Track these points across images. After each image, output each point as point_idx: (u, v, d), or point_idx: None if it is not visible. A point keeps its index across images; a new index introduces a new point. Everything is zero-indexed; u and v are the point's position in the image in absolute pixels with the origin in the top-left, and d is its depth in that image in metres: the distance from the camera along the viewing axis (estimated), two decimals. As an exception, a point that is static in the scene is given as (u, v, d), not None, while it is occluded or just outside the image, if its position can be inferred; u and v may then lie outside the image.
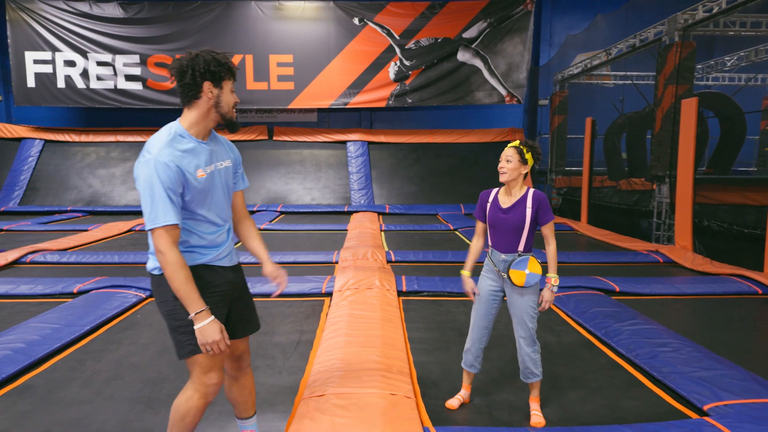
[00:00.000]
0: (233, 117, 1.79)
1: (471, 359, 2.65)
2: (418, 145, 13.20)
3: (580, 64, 11.32)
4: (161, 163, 1.62)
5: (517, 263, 2.44)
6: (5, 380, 2.81)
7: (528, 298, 2.48)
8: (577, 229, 9.04)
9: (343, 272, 5.08)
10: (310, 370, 2.94)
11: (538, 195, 2.48)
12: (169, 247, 1.63)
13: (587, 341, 3.57)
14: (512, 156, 2.46)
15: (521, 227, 2.45)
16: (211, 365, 1.75)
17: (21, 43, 12.28)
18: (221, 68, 1.72)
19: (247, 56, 12.32)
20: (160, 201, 1.62)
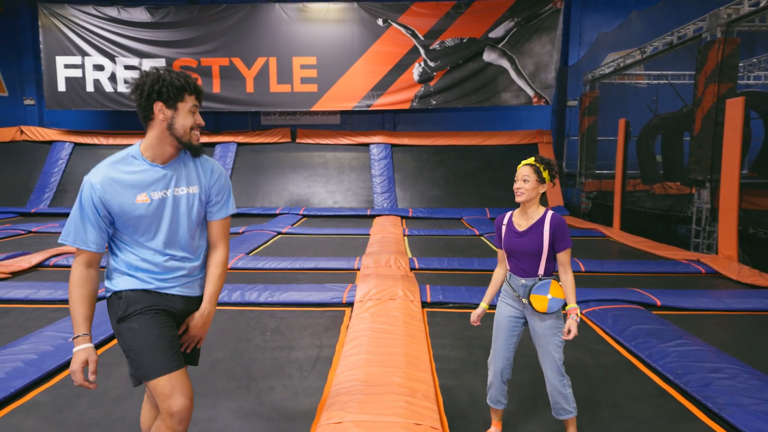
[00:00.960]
0: (191, 140, 1.67)
1: (496, 395, 2.42)
2: (442, 148, 12.94)
3: (611, 63, 10.89)
4: (89, 183, 1.61)
5: (538, 288, 2.25)
6: (14, 395, 2.72)
7: (551, 325, 2.27)
8: (609, 235, 8.65)
9: (364, 280, 4.90)
10: (328, 391, 2.75)
11: (556, 219, 2.27)
12: (76, 264, 1.63)
13: (628, 363, 3.28)
14: (529, 175, 2.26)
15: (539, 252, 2.26)
16: (170, 390, 1.60)
17: (52, 48, 12.54)
18: (172, 88, 1.60)
19: (271, 59, 12.30)
20: (74, 221, 1.62)
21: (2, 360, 3.05)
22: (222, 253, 1.83)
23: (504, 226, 2.39)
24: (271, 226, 9.11)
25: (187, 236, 1.73)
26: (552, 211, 2.31)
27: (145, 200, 1.63)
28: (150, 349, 1.62)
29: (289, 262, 6.06)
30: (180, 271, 1.73)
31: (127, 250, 1.70)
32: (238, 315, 4.23)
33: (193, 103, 1.67)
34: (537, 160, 2.28)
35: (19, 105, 14.10)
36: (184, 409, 1.61)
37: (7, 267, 5.67)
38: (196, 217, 1.74)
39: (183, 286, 1.75)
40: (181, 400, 1.60)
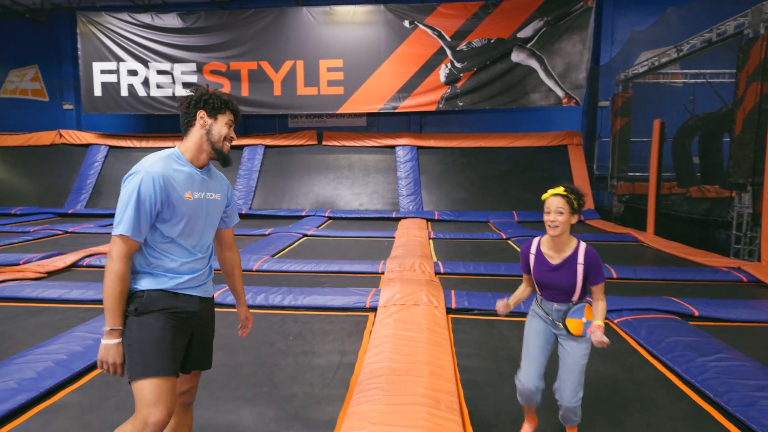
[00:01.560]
0: (223, 148, 1.82)
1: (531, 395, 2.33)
2: (469, 150, 12.79)
3: (645, 62, 10.54)
4: (149, 175, 1.65)
5: (574, 312, 2.22)
6: (43, 395, 2.77)
7: (584, 347, 2.26)
8: (643, 240, 8.35)
9: (388, 285, 4.84)
10: (349, 400, 2.71)
11: (590, 254, 2.21)
12: (120, 256, 1.64)
13: (665, 379, 3.11)
14: (563, 207, 2.17)
15: (573, 286, 2.21)
16: (155, 399, 1.60)
17: (90, 55, 12.97)
18: (216, 101, 1.79)
19: (298, 62, 12.40)
20: (131, 211, 1.64)
21: (34, 359, 3.12)
22: (238, 255, 2.12)
23: (533, 255, 2.31)
24: (297, 229, 9.16)
25: (207, 239, 1.88)
26: (585, 244, 2.24)
27: (190, 198, 1.74)
28: (154, 348, 1.64)
29: (314, 265, 6.07)
30: (200, 271, 1.83)
31: (155, 249, 1.74)
32: (262, 318, 4.23)
33: (230, 118, 1.83)
34: (567, 190, 2.20)
35: (58, 110, 14.66)
36: (161, 423, 1.60)
37: (44, 267, 5.86)
38: (216, 223, 1.92)
39: (199, 287, 1.84)
40: (161, 413, 1.60)
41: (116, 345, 1.65)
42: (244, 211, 11.76)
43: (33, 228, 9.32)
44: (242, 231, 9.11)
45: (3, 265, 6.09)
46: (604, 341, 2.11)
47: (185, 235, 1.76)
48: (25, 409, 2.67)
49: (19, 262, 6.15)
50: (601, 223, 10.26)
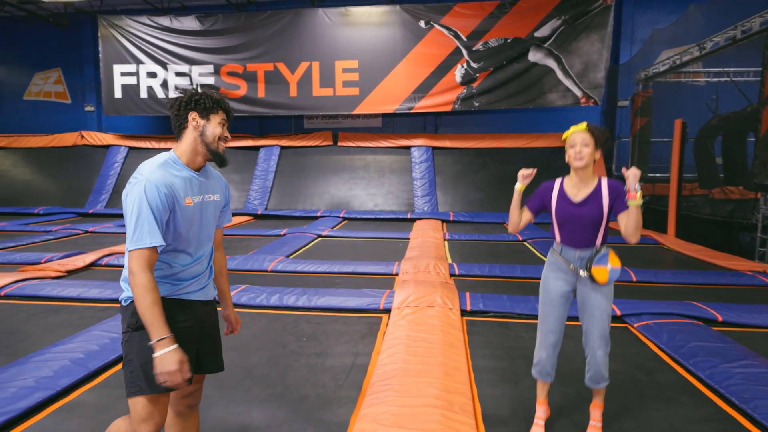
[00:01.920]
0: (218, 149, 1.77)
1: (548, 368, 2.36)
2: (484, 150, 12.68)
3: (666, 61, 10.32)
4: (152, 184, 1.61)
5: (599, 259, 2.18)
6: (59, 394, 2.81)
7: (606, 294, 2.22)
8: (664, 242, 8.16)
9: (402, 287, 4.81)
10: (361, 402, 2.68)
11: (615, 184, 2.19)
12: (142, 268, 1.59)
13: (687, 383, 3.03)
14: (589, 140, 2.17)
15: (599, 221, 2.18)
16: (147, 415, 1.61)
17: (110, 57, 13.21)
18: (208, 101, 1.74)
19: (314, 63, 12.44)
20: (146, 222, 1.59)
21: (52, 358, 3.17)
22: (224, 255, 2.07)
23: (555, 192, 2.28)
24: (312, 229, 9.18)
25: (208, 241, 1.85)
26: (606, 177, 2.22)
27: (190, 203, 1.72)
28: (143, 365, 1.61)
29: (328, 266, 6.06)
30: (200, 275, 1.82)
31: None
32: (276, 319, 4.24)
33: (223, 117, 1.78)
34: (590, 127, 2.20)
35: (80, 111, 14.96)
36: None
37: (64, 265, 5.96)
38: (215, 223, 1.89)
39: (200, 291, 1.82)
40: (150, 428, 1.62)
41: (169, 353, 1.56)
42: (259, 211, 11.84)
43: (55, 227, 9.51)
44: (257, 231, 9.16)
45: (25, 264, 6.22)
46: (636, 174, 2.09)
47: (187, 240, 1.74)
48: (42, 407, 2.70)
49: (41, 261, 6.28)
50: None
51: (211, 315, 1.90)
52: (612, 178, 2.21)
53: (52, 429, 2.51)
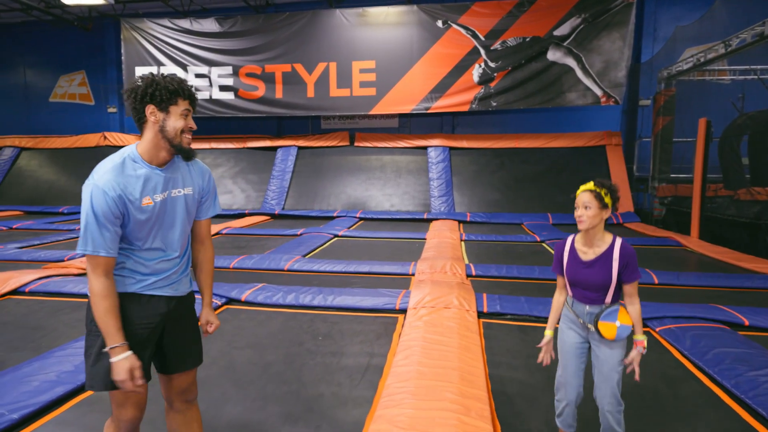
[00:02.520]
0: (181, 143, 1.67)
1: (569, 420, 2.29)
2: (502, 150, 12.56)
3: (690, 59, 10.08)
4: (99, 189, 1.56)
5: (606, 315, 2.13)
6: (80, 388, 2.85)
7: (618, 353, 2.16)
8: (686, 244, 7.97)
9: (419, 287, 4.78)
10: (377, 403, 2.67)
11: (626, 250, 2.13)
12: (95, 275, 1.58)
13: (712, 394, 2.93)
14: (590, 202, 2.12)
15: (608, 284, 2.13)
16: (123, 400, 1.67)
17: (132, 60, 13.46)
18: (165, 92, 1.61)
19: (331, 63, 12.49)
20: (91, 229, 1.57)
21: (73, 353, 3.23)
22: (211, 248, 1.95)
23: (566, 253, 2.26)
24: (329, 229, 9.21)
25: (181, 236, 1.77)
26: (621, 239, 2.17)
27: (149, 203, 1.65)
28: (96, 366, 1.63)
29: (344, 266, 6.07)
30: (170, 271, 1.76)
31: (121, 252, 1.69)
32: (292, 318, 4.25)
33: (186, 107, 1.67)
34: (597, 185, 2.15)
35: (103, 113, 15.28)
36: (133, 419, 1.67)
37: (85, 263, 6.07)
38: (189, 217, 1.79)
39: (168, 287, 1.76)
40: (131, 412, 1.67)
41: (120, 361, 1.57)
42: (277, 211, 11.92)
43: (78, 226, 9.71)
44: (275, 231, 9.23)
45: (48, 262, 6.36)
46: (630, 369, 2.11)
47: (151, 238, 1.68)
48: (64, 400, 2.76)
49: (64, 259, 6.42)
50: (641, 227, 9.88)
51: (180, 310, 1.82)
52: (625, 239, 2.16)
53: (72, 422, 2.55)
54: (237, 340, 3.72)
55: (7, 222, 10.28)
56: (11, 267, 6.07)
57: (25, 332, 3.91)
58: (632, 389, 2.96)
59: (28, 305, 4.61)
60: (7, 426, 2.45)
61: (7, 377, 2.89)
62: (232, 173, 13.23)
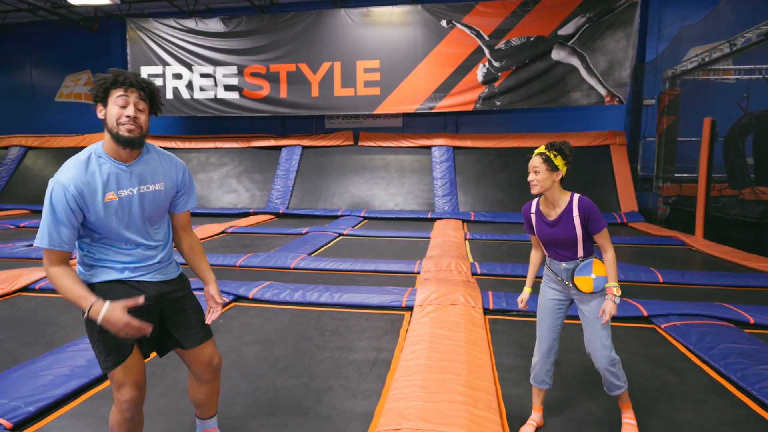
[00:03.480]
0: (118, 131, 1.65)
1: (542, 375, 2.42)
2: (506, 150, 12.58)
3: (695, 58, 10.07)
4: (60, 185, 1.61)
5: (581, 269, 2.23)
6: (93, 382, 2.90)
7: (598, 305, 2.25)
8: (691, 243, 7.98)
9: (424, 285, 4.81)
10: (386, 396, 2.70)
11: (584, 203, 2.21)
12: (48, 264, 1.65)
13: (718, 385, 2.96)
14: (539, 165, 2.21)
15: (574, 238, 2.22)
16: (122, 381, 1.71)
17: (138, 59, 13.53)
18: (99, 88, 1.65)
19: (336, 63, 12.53)
20: (47, 223, 1.62)
21: (85, 348, 3.27)
22: (194, 234, 2.02)
23: (533, 215, 2.37)
24: (333, 228, 9.25)
25: (158, 228, 1.83)
26: (578, 195, 2.25)
27: (113, 198, 1.68)
28: (102, 342, 1.70)
29: (350, 264, 6.10)
30: (153, 259, 1.81)
31: (97, 245, 1.76)
32: (300, 315, 4.29)
33: (119, 94, 1.64)
34: (547, 147, 2.22)
35: (108, 112, 15.35)
36: (132, 400, 1.70)
37: (94, 261, 6.13)
38: (161, 212, 1.84)
39: (156, 272, 1.83)
40: (129, 392, 1.70)
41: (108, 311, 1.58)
42: (281, 210, 11.97)
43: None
44: (279, 230, 9.27)
45: (57, 259, 6.41)
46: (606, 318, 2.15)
47: (122, 231, 1.72)
48: (78, 394, 2.80)
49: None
50: (645, 226, 9.88)
51: (174, 291, 1.88)
52: (583, 195, 2.23)
53: (87, 414, 2.59)
54: (246, 336, 3.76)
55: (14, 220, 10.36)
56: (20, 264, 6.13)
57: (37, 328, 3.96)
58: (640, 377, 3.02)
59: (39, 302, 4.67)
60: (24, 418, 2.49)
61: (21, 371, 2.94)
62: (237, 172, 13.29)
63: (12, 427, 2.42)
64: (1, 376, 2.87)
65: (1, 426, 2.38)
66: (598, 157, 11.87)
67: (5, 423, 2.42)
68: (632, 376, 3.05)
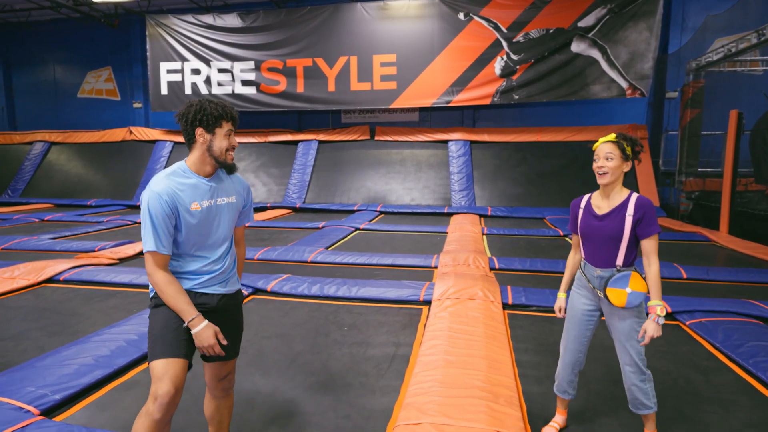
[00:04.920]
0: (226, 159, 1.89)
1: (564, 385, 2.33)
2: (524, 144, 12.43)
3: (720, 49, 9.79)
4: (155, 194, 1.78)
5: (616, 280, 2.04)
6: (117, 372, 2.95)
7: (631, 322, 2.08)
8: (715, 239, 7.79)
9: (442, 279, 4.78)
10: (405, 391, 2.69)
11: (643, 201, 2.05)
12: (154, 269, 1.80)
13: (747, 384, 2.88)
14: (613, 152, 2.07)
15: (619, 238, 2.04)
16: (161, 374, 1.74)
17: (157, 55, 13.69)
18: (210, 117, 1.83)
19: (352, 57, 12.50)
20: (149, 229, 1.77)
21: (108, 338, 3.33)
22: (244, 249, 2.20)
23: (581, 208, 2.21)
24: (350, 222, 9.26)
25: (226, 238, 1.97)
26: (637, 194, 2.09)
27: (198, 208, 1.85)
28: (159, 336, 1.80)
29: (367, 258, 6.10)
30: (218, 271, 1.95)
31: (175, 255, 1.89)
32: (317, 308, 4.31)
33: (229, 128, 1.87)
34: (619, 137, 2.09)
35: (129, 108, 15.59)
36: (167, 395, 1.70)
37: (116, 253, 6.25)
38: (231, 224, 2.00)
39: (218, 284, 1.96)
40: (167, 385, 1.71)
41: (203, 329, 1.79)
42: (298, 205, 12.03)
43: (106, 218, 9.97)
44: (296, 224, 9.32)
45: (80, 252, 6.55)
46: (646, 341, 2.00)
47: (200, 241, 1.88)
48: (102, 384, 2.85)
49: (95, 249, 6.60)
50: (667, 221, 9.68)
51: (228, 306, 1.99)
52: (643, 196, 2.10)
53: (110, 405, 2.64)
54: (264, 330, 3.79)
55: (39, 214, 10.60)
56: (45, 257, 6.27)
57: (62, 318, 4.04)
58: (664, 376, 2.96)
59: (64, 293, 4.77)
60: (51, 406, 2.55)
61: (47, 360, 3.00)
62: (254, 167, 13.38)
63: (39, 413, 2.47)
64: (28, 365, 2.94)
65: (30, 413, 2.44)
66: (619, 152, 11.62)
67: (33, 410, 2.47)
68: (655, 375, 2.97)
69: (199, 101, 1.85)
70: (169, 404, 1.71)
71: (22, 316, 4.08)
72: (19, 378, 2.76)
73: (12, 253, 6.58)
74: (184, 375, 1.78)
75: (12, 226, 9.22)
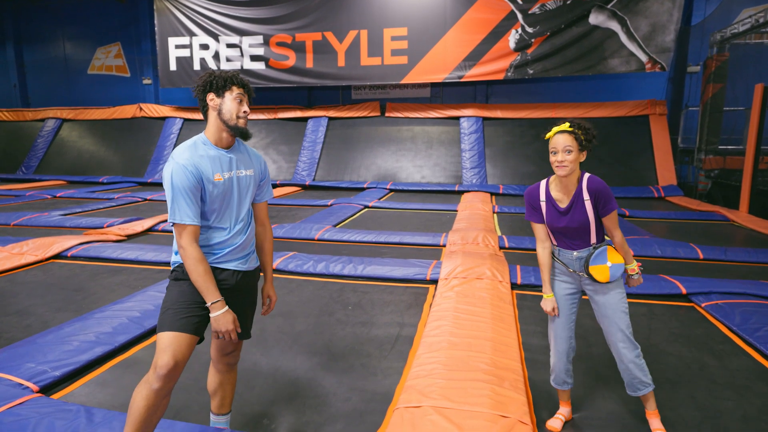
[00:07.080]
0: (238, 124, 1.86)
1: (562, 376, 2.26)
2: (538, 121, 12.11)
3: (747, 20, 9.33)
4: (179, 165, 1.75)
5: (596, 257, 2.05)
6: (118, 349, 2.93)
7: (616, 294, 2.09)
8: (735, 219, 7.55)
9: (450, 258, 4.69)
10: (407, 373, 2.63)
11: (594, 184, 2.02)
12: (188, 242, 1.76)
13: (764, 369, 2.77)
14: (572, 145, 2.00)
15: (587, 222, 2.04)
16: (165, 346, 1.72)
17: (165, 31, 13.51)
18: (219, 80, 1.84)
19: (362, 31, 12.20)
20: (177, 201, 1.75)
21: (111, 315, 3.31)
22: (271, 230, 2.15)
23: (543, 202, 2.14)
24: (359, 200, 9.17)
25: (244, 213, 1.94)
26: (587, 174, 2.06)
27: (220, 179, 1.84)
28: (171, 309, 1.78)
29: (374, 236, 6.02)
30: (237, 245, 1.91)
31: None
32: (322, 287, 4.25)
33: (239, 92, 1.86)
34: (573, 126, 2.03)
35: (138, 85, 15.51)
36: (166, 366, 1.69)
37: (124, 230, 6.26)
38: (251, 196, 1.98)
39: (238, 261, 1.92)
40: (168, 357, 1.69)
41: (223, 314, 1.77)
42: (307, 182, 11.95)
43: (117, 195, 10.01)
44: (305, 201, 9.26)
45: (89, 228, 6.58)
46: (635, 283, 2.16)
47: (222, 212, 1.86)
48: (102, 361, 2.84)
49: (103, 226, 6.62)
50: (684, 200, 9.42)
51: (245, 285, 1.96)
52: (592, 175, 2.05)
53: (110, 383, 2.62)
54: (268, 307, 3.74)
55: (51, 191, 10.68)
56: (55, 233, 6.31)
57: (68, 294, 4.05)
58: (675, 360, 2.87)
59: (71, 269, 4.78)
60: (50, 382, 2.54)
61: (50, 336, 3.00)
62: (264, 144, 13.28)
63: (38, 390, 2.46)
64: (30, 341, 2.94)
65: (29, 389, 2.43)
66: (636, 128, 11.30)
67: (32, 386, 2.46)
68: (668, 359, 2.89)
69: (211, 71, 1.88)
70: (167, 375, 1.70)
71: (28, 292, 4.09)
72: (20, 354, 2.75)
73: (23, 229, 6.63)
74: (188, 350, 1.77)
75: (25, 202, 9.30)
